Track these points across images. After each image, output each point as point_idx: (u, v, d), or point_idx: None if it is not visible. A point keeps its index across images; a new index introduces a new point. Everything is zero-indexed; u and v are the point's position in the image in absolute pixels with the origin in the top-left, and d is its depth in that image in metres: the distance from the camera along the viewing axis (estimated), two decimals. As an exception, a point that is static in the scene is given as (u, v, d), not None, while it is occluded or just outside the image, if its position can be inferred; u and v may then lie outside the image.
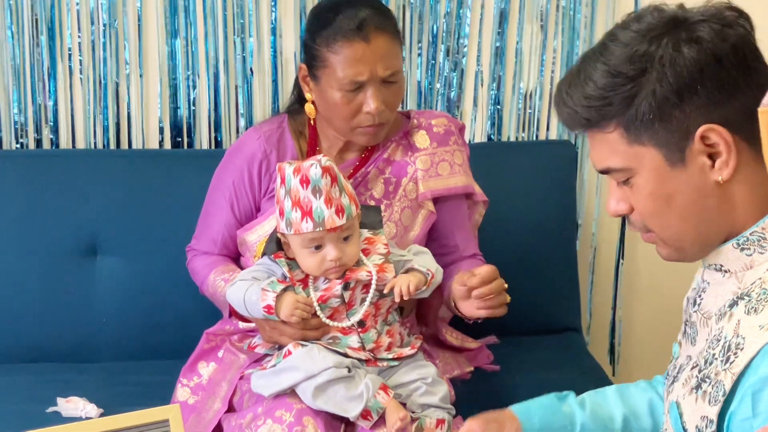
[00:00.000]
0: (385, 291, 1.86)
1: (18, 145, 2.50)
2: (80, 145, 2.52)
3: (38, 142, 2.51)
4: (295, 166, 1.79)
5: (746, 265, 1.30)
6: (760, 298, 1.24)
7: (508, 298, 1.89)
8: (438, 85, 2.61)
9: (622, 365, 2.83)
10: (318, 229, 1.78)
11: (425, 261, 1.94)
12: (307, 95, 2.03)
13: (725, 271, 1.33)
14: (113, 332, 2.36)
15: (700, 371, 1.30)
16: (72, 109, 2.50)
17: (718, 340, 1.28)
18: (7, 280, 2.33)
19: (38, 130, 2.50)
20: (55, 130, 2.51)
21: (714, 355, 1.27)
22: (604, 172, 1.34)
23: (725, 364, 1.24)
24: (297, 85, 2.10)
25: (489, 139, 2.67)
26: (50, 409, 2.09)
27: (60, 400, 2.10)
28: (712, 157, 1.27)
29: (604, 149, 1.32)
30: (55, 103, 2.49)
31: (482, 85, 2.63)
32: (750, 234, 1.29)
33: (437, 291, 2.01)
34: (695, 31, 1.26)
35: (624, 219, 1.44)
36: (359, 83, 1.91)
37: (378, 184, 2.07)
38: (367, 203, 2.01)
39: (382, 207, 2.02)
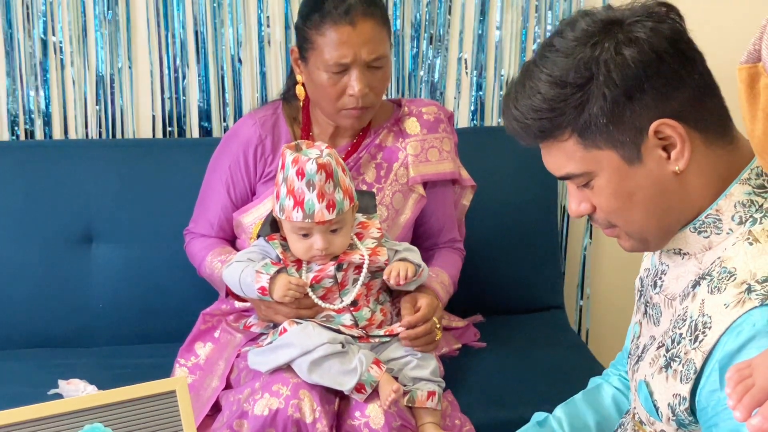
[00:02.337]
0: (384, 277, 1.92)
1: (12, 137, 2.55)
2: (72, 135, 2.57)
3: (31, 133, 2.55)
4: (295, 155, 1.84)
5: (704, 246, 1.35)
6: (721, 277, 1.29)
7: (438, 336, 1.99)
8: (421, 72, 2.67)
9: (593, 340, 2.90)
10: (307, 221, 1.84)
11: (415, 258, 1.99)
12: (298, 77, 2.10)
13: (684, 254, 1.38)
14: (110, 317, 2.41)
15: (667, 350, 1.34)
16: (64, 101, 2.55)
17: (684, 320, 1.32)
18: (4, 269, 2.38)
19: (31, 121, 2.55)
20: (47, 121, 2.55)
21: (681, 334, 1.32)
22: (564, 178, 1.37)
23: (694, 343, 1.28)
24: (291, 74, 2.17)
25: (472, 124, 2.74)
26: (51, 391, 2.12)
27: (61, 382, 2.13)
28: (667, 149, 1.31)
29: (560, 157, 1.34)
30: (48, 95, 2.53)
31: (465, 72, 2.69)
32: (705, 217, 1.33)
33: None
34: (632, 32, 1.29)
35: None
36: (344, 66, 1.98)
37: (370, 169, 2.14)
38: (359, 188, 2.07)
39: (374, 191, 2.08)
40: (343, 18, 1.96)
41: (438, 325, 1.99)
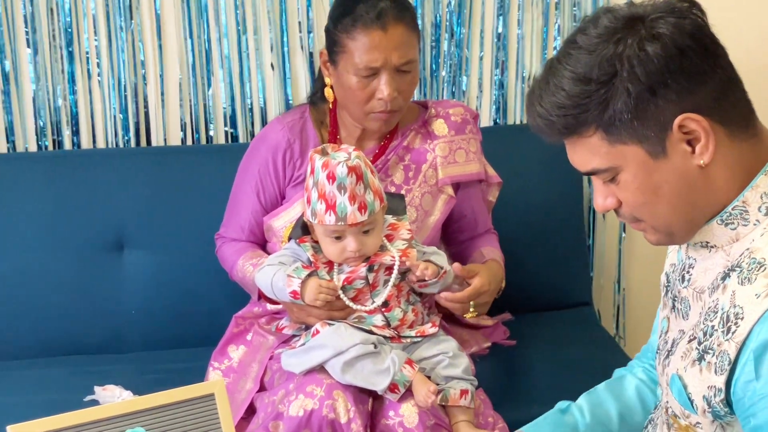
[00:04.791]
0: (410, 264, 1.93)
1: (40, 147, 2.58)
2: (101, 144, 2.60)
3: (59, 143, 2.59)
4: (324, 160, 1.86)
5: (732, 238, 1.35)
6: (751, 268, 1.30)
7: (472, 315, 2.07)
8: (443, 72, 2.68)
9: (628, 335, 2.90)
10: (340, 224, 1.86)
11: (440, 261, 2.01)
12: (327, 80, 2.12)
13: (712, 247, 1.38)
14: (143, 323, 2.44)
15: (699, 343, 1.35)
16: (92, 110, 2.58)
17: (715, 312, 1.33)
18: (38, 279, 2.41)
19: (59, 131, 2.58)
20: (76, 131, 2.58)
21: (713, 326, 1.33)
22: (590, 173, 1.38)
23: (727, 335, 1.29)
24: (320, 77, 2.19)
25: (495, 123, 2.75)
26: (88, 398, 2.15)
27: (97, 389, 2.16)
28: (691, 143, 1.31)
29: (585, 153, 1.35)
30: (75, 105, 2.56)
31: (486, 70, 2.70)
32: (732, 209, 1.34)
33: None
34: (655, 28, 1.30)
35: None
36: (374, 69, 2.00)
37: (398, 171, 2.15)
38: (388, 189, 2.09)
39: (402, 192, 2.10)
40: (375, 22, 1.98)
41: (494, 294, 2.10)
